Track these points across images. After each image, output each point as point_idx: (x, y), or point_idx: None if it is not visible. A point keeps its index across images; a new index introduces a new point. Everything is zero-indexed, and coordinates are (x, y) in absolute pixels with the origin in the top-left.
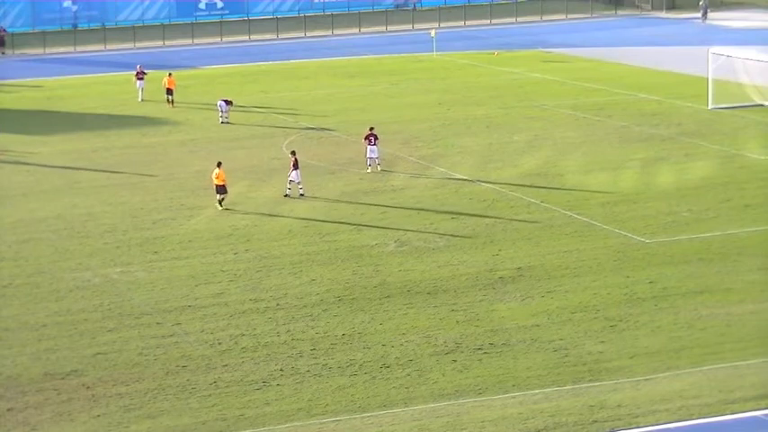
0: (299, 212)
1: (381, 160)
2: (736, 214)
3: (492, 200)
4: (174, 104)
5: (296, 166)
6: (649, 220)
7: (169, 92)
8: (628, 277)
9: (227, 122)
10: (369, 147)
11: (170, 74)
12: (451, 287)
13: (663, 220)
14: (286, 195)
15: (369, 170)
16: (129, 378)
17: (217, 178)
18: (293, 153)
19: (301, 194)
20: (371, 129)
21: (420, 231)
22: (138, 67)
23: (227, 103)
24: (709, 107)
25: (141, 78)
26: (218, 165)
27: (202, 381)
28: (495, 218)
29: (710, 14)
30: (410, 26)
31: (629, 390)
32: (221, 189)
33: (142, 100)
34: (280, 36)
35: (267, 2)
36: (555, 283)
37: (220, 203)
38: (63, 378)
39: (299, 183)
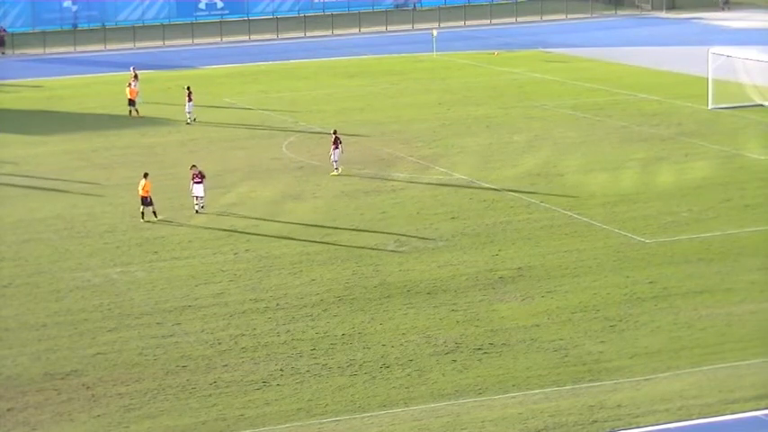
0: (299, 212)
1: (341, 164)
2: (736, 214)
3: (492, 200)
4: (136, 114)
5: (200, 180)
6: (649, 220)
7: (131, 102)
8: (628, 277)
9: (193, 121)
10: (333, 150)
11: (129, 84)
12: (451, 287)
13: (663, 220)
14: (197, 212)
15: (334, 173)
16: (129, 378)
17: (142, 189)
18: (194, 167)
19: (201, 207)
20: (335, 132)
21: (420, 231)
22: (132, 68)
23: (189, 96)
24: (709, 107)
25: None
26: (145, 176)
27: (202, 381)
28: (495, 218)
29: (710, 14)
30: (410, 26)
31: (629, 390)
32: (146, 200)
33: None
34: (280, 36)
35: (267, 2)
36: (555, 283)
37: (143, 215)
38: (63, 378)
39: (202, 197)
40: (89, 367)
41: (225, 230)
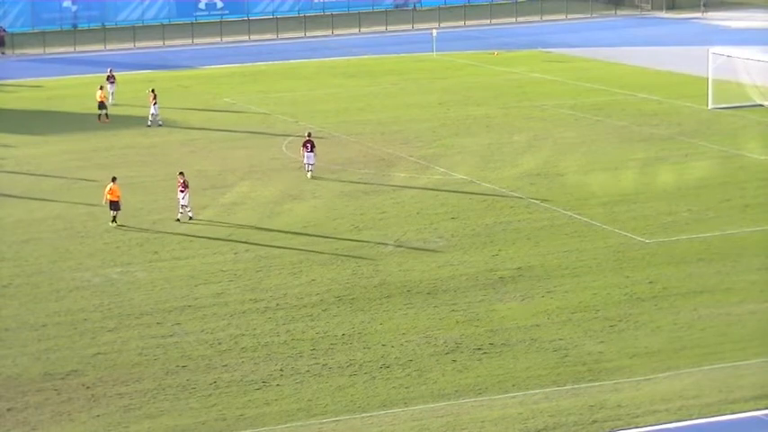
0: (299, 212)
1: (317, 167)
2: (736, 214)
3: (492, 200)
4: (107, 119)
5: (183, 189)
6: (649, 220)
7: (101, 106)
8: (628, 277)
9: (159, 124)
10: (306, 153)
11: (101, 87)
12: (451, 287)
13: (663, 220)
14: (177, 220)
15: (309, 175)
16: (129, 378)
17: (110, 194)
18: (182, 174)
19: (190, 217)
20: (309, 135)
21: (420, 231)
22: (109, 69)
23: (154, 99)
24: (709, 107)
25: (112, 82)
26: (113, 180)
27: (202, 381)
28: (495, 218)
29: (710, 14)
30: (410, 26)
31: (629, 390)
32: (114, 205)
33: (113, 104)
34: (279, 36)
35: (267, 2)
36: (555, 283)
37: (114, 220)
38: (63, 378)
39: (187, 205)
40: (89, 367)
41: (225, 230)
